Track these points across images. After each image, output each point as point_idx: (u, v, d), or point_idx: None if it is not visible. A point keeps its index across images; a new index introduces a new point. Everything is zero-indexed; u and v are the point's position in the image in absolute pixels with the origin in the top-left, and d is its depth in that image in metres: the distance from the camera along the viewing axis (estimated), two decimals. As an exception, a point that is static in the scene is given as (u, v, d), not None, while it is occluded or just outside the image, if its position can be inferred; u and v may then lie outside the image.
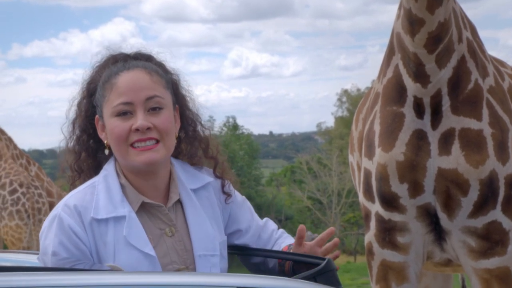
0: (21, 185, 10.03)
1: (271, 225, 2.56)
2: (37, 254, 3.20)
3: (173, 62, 2.41)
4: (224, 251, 2.35)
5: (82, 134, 2.35)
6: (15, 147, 10.91)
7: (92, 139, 2.35)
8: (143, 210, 2.24)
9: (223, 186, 2.43)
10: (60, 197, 10.74)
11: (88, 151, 2.36)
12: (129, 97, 2.19)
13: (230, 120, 38.26)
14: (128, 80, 2.22)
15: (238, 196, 2.49)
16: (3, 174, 10.29)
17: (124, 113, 2.20)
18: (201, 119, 2.45)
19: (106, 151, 2.30)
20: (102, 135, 2.29)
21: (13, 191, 9.99)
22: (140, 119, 2.18)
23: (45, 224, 2.20)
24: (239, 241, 2.45)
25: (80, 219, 2.16)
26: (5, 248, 10.37)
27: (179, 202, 2.32)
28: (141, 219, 2.22)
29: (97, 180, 2.27)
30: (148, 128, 2.19)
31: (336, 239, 2.35)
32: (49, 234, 2.16)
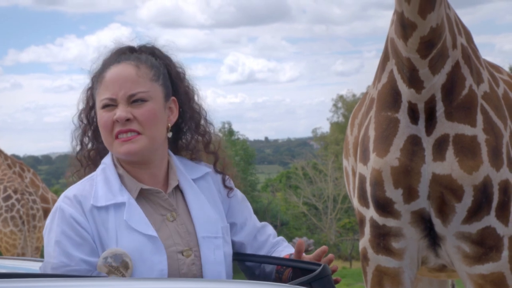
0: (15, 192, 10.00)
1: (269, 229, 2.56)
2: (33, 260, 3.20)
3: (178, 54, 2.44)
4: (228, 236, 2.37)
5: (86, 124, 2.40)
6: (6, 157, 10.86)
7: (96, 130, 2.38)
8: (142, 197, 2.27)
9: (224, 180, 2.46)
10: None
11: (91, 142, 2.41)
12: (112, 92, 2.24)
13: (226, 125, 38.16)
14: (114, 74, 2.26)
15: (238, 193, 2.51)
16: (-3, 181, 10.25)
17: (108, 105, 2.24)
18: (206, 114, 2.47)
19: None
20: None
21: (7, 198, 9.96)
22: (119, 111, 2.22)
23: (48, 219, 2.23)
24: (235, 237, 2.46)
25: (80, 208, 2.19)
26: (-1, 254, 10.33)
27: (179, 189, 2.35)
28: (141, 205, 2.24)
29: (95, 173, 2.30)
30: (129, 120, 2.22)
31: (324, 247, 2.36)
32: (52, 226, 2.19)
